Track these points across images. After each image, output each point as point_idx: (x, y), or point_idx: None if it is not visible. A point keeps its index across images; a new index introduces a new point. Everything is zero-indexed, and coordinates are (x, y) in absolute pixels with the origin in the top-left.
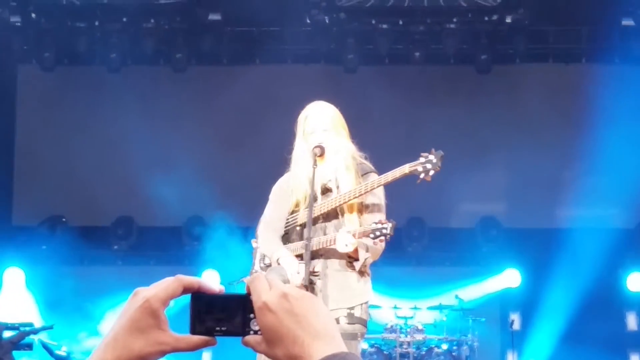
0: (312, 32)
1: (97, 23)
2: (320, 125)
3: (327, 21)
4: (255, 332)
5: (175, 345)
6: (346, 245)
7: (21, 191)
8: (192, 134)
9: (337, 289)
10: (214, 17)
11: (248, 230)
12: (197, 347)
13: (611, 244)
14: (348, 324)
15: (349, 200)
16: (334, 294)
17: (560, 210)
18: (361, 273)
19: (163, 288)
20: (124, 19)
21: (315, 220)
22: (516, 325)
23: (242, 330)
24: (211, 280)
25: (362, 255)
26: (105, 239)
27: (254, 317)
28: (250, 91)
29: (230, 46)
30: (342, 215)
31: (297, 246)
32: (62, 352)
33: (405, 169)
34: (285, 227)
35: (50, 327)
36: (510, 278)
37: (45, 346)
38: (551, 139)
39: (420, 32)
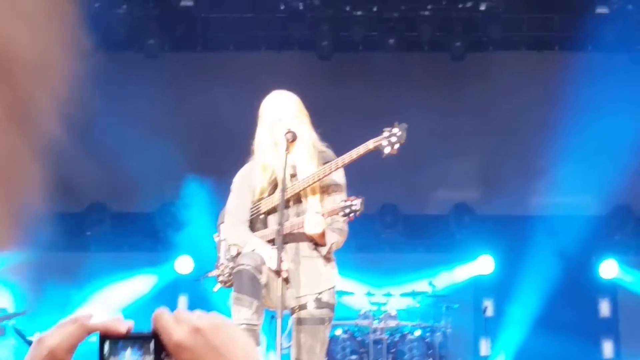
0: (286, 18)
1: None
2: (287, 112)
3: (301, 8)
4: None
5: None
6: (315, 225)
7: None
8: (165, 121)
9: (305, 275)
10: (187, 3)
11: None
12: None
13: (584, 231)
14: (316, 308)
15: (312, 183)
16: (303, 279)
17: (534, 197)
18: (327, 259)
19: (66, 336)
20: (96, 5)
21: (278, 207)
22: (489, 312)
23: None
24: (116, 319)
25: (330, 238)
26: (78, 225)
27: (167, 356)
28: (223, 77)
29: (204, 33)
30: (305, 199)
31: (268, 232)
32: (34, 338)
33: (370, 144)
34: (250, 216)
35: (23, 313)
36: (483, 265)
37: (18, 332)
38: (525, 126)
39: (394, 19)
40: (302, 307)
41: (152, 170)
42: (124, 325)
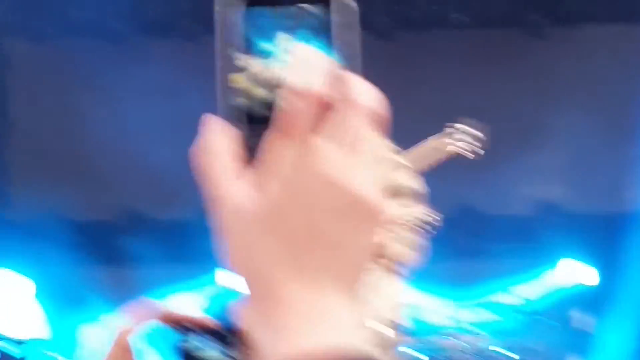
0: None
1: None
2: None
3: None
4: None
5: None
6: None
7: (19, 183)
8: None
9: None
10: None
11: None
12: None
13: None
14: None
15: None
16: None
17: (634, 190)
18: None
19: (136, 320)
20: None
21: None
22: (585, 327)
23: None
24: (191, 306)
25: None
26: (113, 235)
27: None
28: None
29: None
30: None
31: None
32: None
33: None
34: None
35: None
36: (574, 273)
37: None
38: (620, 108)
39: None
40: None
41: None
42: (210, 320)
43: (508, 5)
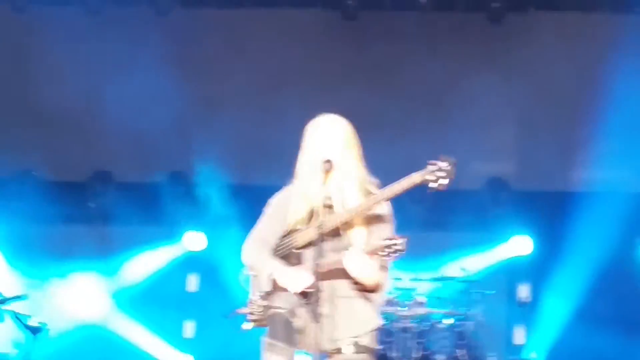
0: None
1: None
2: (331, 141)
3: None
4: None
5: None
6: (356, 265)
7: None
8: (174, 82)
9: (342, 316)
10: None
11: (238, 189)
12: None
13: (630, 210)
14: (354, 353)
15: (354, 216)
16: (340, 321)
17: (575, 172)
18: (367, 298)
19: None
20: None
21: (315, 242)
22: (525, 298)
23: None
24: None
25: (381, 278)
26: (81, 195)
27: None
28: (239, 37)
29: None
30: (345, 232)
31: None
32: (34, 323)
33: (416, 179)
34: (282, 249)
35: (22, 297)
36: (519, 245)
37: (17, 317)
38: (566, 94)
39: None
40: (338, 351)
41: (161, 136)
42: None
43: None
